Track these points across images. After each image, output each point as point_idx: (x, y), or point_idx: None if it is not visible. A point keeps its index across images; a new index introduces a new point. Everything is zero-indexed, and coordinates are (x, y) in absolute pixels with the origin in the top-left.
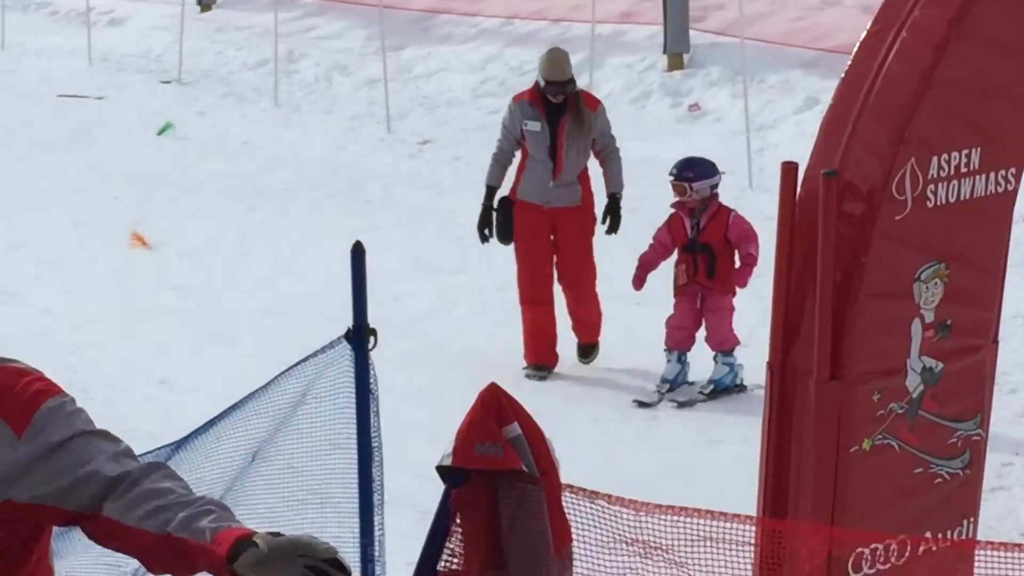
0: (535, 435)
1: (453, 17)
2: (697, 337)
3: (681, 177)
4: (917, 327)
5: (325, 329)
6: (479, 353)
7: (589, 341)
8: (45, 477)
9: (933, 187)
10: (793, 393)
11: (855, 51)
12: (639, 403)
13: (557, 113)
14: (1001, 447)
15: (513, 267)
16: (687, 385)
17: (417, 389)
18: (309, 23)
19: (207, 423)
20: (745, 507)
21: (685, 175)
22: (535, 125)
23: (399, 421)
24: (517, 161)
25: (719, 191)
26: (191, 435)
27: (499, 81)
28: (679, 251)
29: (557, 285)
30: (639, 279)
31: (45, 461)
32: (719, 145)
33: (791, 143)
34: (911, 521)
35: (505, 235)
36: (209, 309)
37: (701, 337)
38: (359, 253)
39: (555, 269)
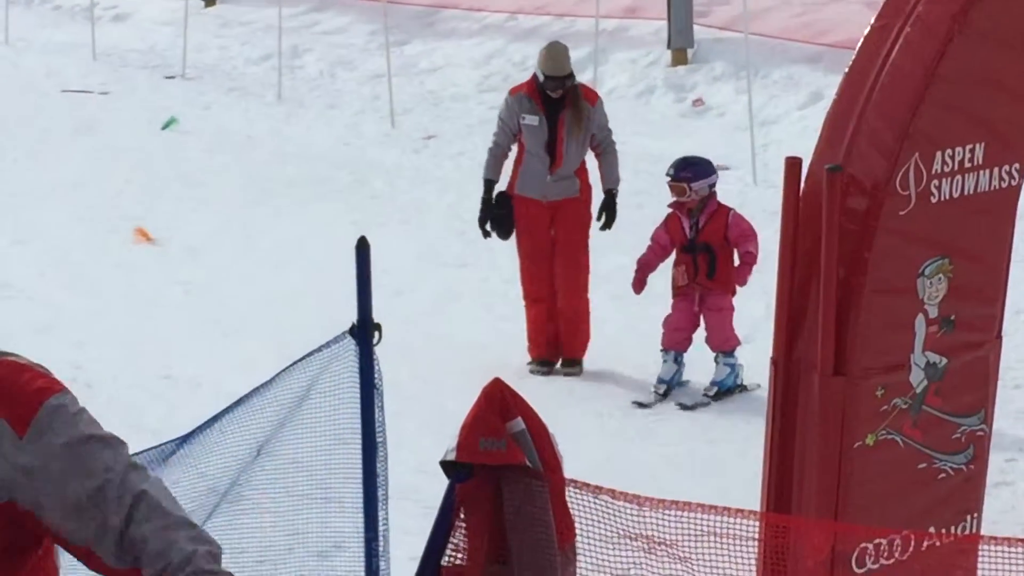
0: (539, 430)
1: (457, 12)
2: (694, 338)
3: (679, 177)
4: (921, 322)
5: (330, 324)
6: (483, 348)
7: (573, 356)
8: (48, 488)
9: (937, 182)
10: (797, 388)
11: (859, 46)
12: (638, 404)
13: (555, 107)
14: (1005, 442)
15: (517, 261)
16: (681, 385)
17: (421, 384)
18: (313, 18)
19: (212, 418)
20: (749, 503)
21: (683, 175)
22: (533, 119)
23: (403, 416)
24: (512, 156)
25: (717, 189)
26: (196, 430)
27: (503, 76)
28: (678, 252)
29: None
30: (639, 282)
31: (47, 470)
32: (723, 140)
33: (795, 138)
34: (915, 516)
35: (505, 231)
36: (213, 303)
37: (698, 338)
38: (364, 248)
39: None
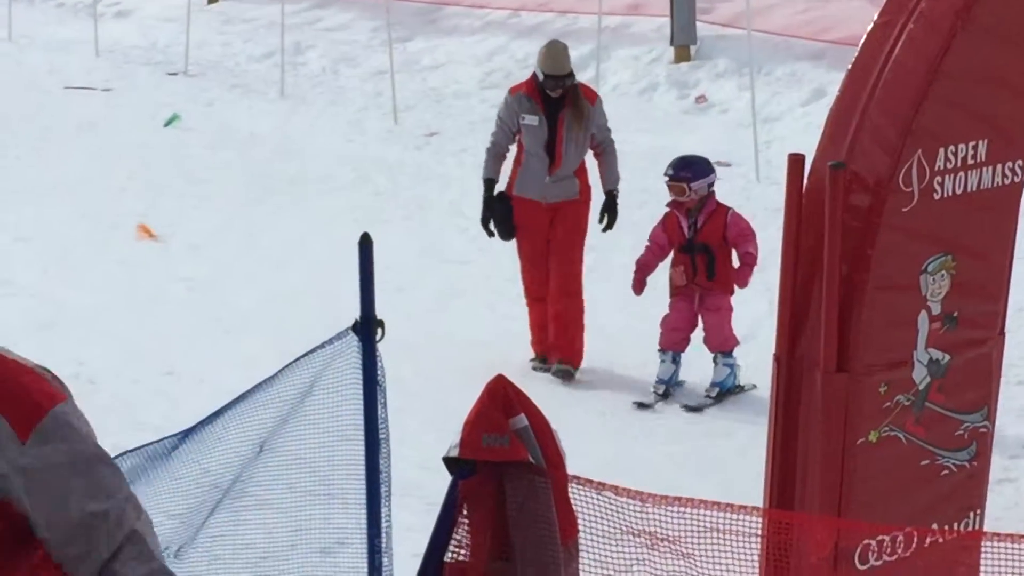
0: (542, 427)
1: (460, 9)
2: (692, 338)
3: (678, 177)
4: (924, 319)
5: (332, 321)
6: (486, 344)
7: (566, 363)
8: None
9: (940, 179)
10: (800, 385)
11: (862, 43)
12: (639, 404)
13: (555, 107)
14: (1007, 439)
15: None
16: (678, 385)
17: (424, 380)
18: (316, 15)
19: (214, 414)
20: (751, 499)
21: (683, 175)
22: (533, 119)
23: (406, 412)
24: (511, 156)
25: (716, 188)
26: (197, 426)
27: (505, 73)
28: (676, 252)
29: None
30: (639, 283)
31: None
32: (725, 137)
33: (798, 135)
34: (917, 513)
35: (506, 231)
36: (215, 300)
37: (695, 338)
38: (366, 245)
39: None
